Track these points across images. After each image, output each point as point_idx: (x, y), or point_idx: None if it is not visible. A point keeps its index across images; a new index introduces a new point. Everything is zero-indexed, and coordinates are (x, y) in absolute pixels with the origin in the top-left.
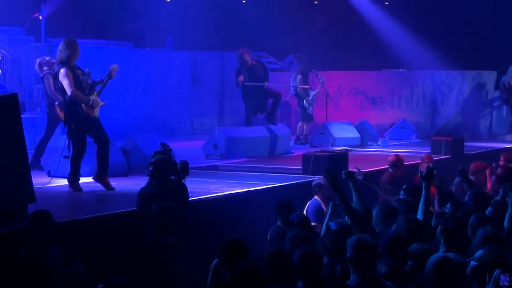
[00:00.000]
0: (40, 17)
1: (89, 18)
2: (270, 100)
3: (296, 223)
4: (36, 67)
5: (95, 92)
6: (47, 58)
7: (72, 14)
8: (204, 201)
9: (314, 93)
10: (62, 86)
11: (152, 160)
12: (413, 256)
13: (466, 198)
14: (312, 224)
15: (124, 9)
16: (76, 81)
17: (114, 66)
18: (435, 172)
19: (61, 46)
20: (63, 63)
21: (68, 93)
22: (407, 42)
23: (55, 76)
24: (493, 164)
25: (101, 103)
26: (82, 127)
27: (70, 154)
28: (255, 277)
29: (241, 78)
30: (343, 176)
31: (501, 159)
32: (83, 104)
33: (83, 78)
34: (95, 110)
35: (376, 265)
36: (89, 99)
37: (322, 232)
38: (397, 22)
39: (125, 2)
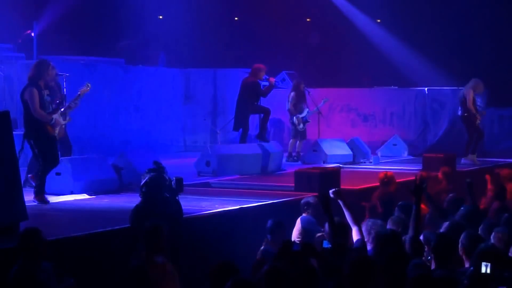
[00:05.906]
0: (32, 34)
1: (81, 35)
2: (260, 116)
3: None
4: None
5: (59, 112)
6: None
7: (64, 31)
8: (196, 218)
9: (308, 111)
10: (27, 102)
11: (144, 181)
12: None
13: (458, 215)
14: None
15: (116, 26)
16: (40, 102)
17: (84, 89)
18: (424, 185)
19: (33, 65)
20: (31, 82)
21: (32, 111)
22: (399, 59)
23: (21, 93)
24: None
25: (63, 122)
26: (41, 142)
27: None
28: None
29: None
30: (331, 195)
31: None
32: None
33: (47, 98)
34: (56, 129)
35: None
36: (52, 118)
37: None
38: (389, 39)
39: (117, 19)
